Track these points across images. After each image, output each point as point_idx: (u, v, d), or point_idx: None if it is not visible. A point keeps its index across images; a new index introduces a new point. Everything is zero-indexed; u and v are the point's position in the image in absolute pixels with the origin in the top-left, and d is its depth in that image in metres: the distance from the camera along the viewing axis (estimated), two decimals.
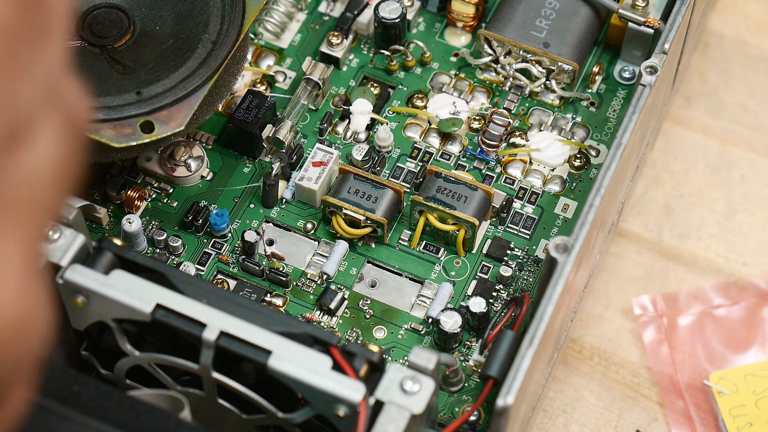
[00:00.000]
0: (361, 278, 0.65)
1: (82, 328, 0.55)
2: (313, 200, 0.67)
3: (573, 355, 0.69)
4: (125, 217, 0.64)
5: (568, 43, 0.69)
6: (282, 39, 0.73)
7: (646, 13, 0.69)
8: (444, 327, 0.61)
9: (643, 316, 0.70)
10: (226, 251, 0.66)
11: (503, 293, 0.65)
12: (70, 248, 0.53)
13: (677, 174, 0.75)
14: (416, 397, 0.50)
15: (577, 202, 0.67)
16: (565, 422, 0.67)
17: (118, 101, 0.60)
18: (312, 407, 0.52)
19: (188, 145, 0.67)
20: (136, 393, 0.54)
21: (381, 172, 0.68)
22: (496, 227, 0.67)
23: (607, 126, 0.70)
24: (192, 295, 0.53)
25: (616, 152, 0.59)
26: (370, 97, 0.70)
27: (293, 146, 0.68)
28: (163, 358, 0.54)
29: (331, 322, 0.64)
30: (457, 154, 0.69)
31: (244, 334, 0.51)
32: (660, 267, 0.72)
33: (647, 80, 0.61)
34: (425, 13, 0.74)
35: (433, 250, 0.66)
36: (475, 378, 0.62)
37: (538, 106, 0.71)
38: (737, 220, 0.74)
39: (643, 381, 0.69)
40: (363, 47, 0.72)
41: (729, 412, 0.67)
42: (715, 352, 0.69)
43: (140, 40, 0.63)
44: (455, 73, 0.72)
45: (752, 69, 0.79)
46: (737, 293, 0.71)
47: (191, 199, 0.67)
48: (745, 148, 0.76)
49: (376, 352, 0.52)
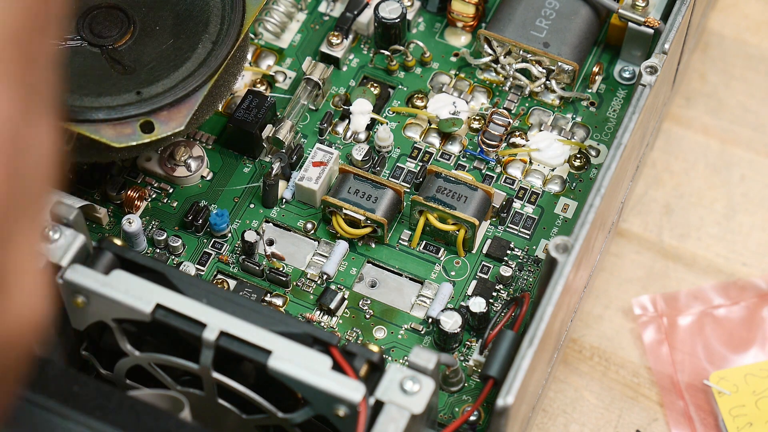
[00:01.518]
0: (361, 278, 0.65)
1: (82, 328, 0.55)
2: (313, 200, 0.67)
3: (573, 355, 0.69)
4: (125, 217, 0.64)
5: (568, 43, 0.69)
6: (282, 39, 0.73)
7: (646, 13, 0.68)
8: (444, 327, 0.61)
9: (643, 316, 0.70)
10: (226, 251, 0.66)
11: (503, 293, 0.64)
12: (70, 248, 0.53)
13: (677, 174, 0.75)
14: (416, 397, 0.50)
15: (577, 202, 0.67)
16: (565, 422, 0.67)
17: (118, 101, 0.60)
18: (312, 407, 0.52)
19: (188, 145, 0.67)
20: (136, 393, 0.54)
21: (381, 172, 0.68)
22: (496, 227, 0.67)
23: (607, 126, 0.70)
24: (192, 295, 0.53)
25: (616, 152, 0.59)
26: (370, 97, 0.70)
27: (293, 146, 0.68)
28: (163, 358, 0.54)
29: (331, 322, 0.64)
30: (457, 154, 0.69)
31: (244, 334, 0.51)
32: (660, 267, 0.72)
33: (647, 80, 0.61)
34: (425, 13, 0.74)
35: (433, 250, 0.66)
36: (475, 378, 0.62)
37: (538, 106, 0.71)
38: (737, 220, 0.74)
39: (643, 381, 0.69)
40: (363, 47, 0.72)
41: (729, 412, 0.66)
42: (715, 352, 0.69)
43: (140, 40, 0.63)
44: (455, 73, 0.72)
45: (752, 69, 0.79)
46: (737, 293, 0.71)
47: (191, 199, 0.67)
48: (745, 148, 0.76)
49: (376, 352, 0.52)
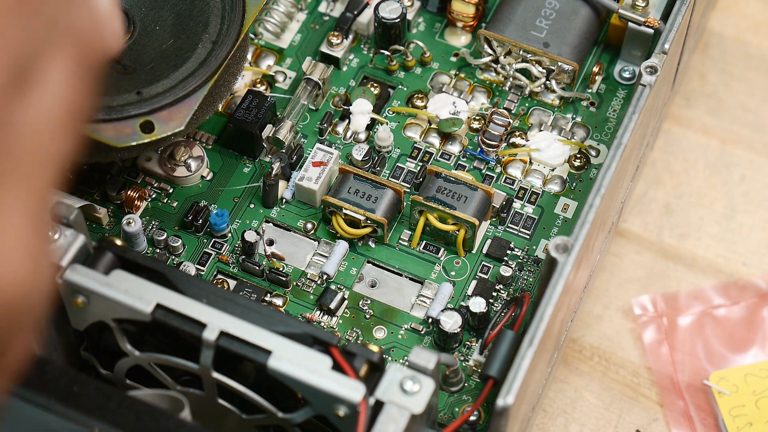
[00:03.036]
0: (361, 278, 0.65)
1: (82, 328, 0.55)
2: (313, 200, 0.67)
3: (573, 355, 0.69)
4: (125, 217, 0.64)
5: (568, 43, 0.69)
6: (282, 39, 0.73)
7: (646, 13, 0.69)
8: (444, 327, 0.61)
9: (643, 316, 0.70)
10: (226, 251, 0.66)
11: (503, 293, 0.64)
12: (70, 248, 0.53)
13: (677, 174, 0.75)
14: (416, 397, 0.50)
15: (577, 202, 0.67)
16: (565, 422, 0.67)
17: (118, 101, 0.60)
18: (312, 407, 0.52)
19: (188, 145, 0.67)
20: (136, 393, 0.54)
21: (381, 172, 0.68)
22: (496, 227, 0.67)
23: (607, 126, 0.70)
24: (192, 295, 0.53)
25: (616, 152, 0.59)
26: (370, 97, 0.70)
27: (293, 146, 0.68)
28: (163, 358, 0.54)
29: (331, 322, 0.64)
30: (457, 154, 0.69)
31: (244, 334, 0.51)
32: (660, 267, 0.72)
33: (647, 80, 0.61)
34: (425, 13, 0.74)
35: (433, 250, 0.66)
36: (475, 378, 0.62)
37: (538, 106, 0.71)
38: (737, 220, 0.74)
39: (643, 381, 0.69)
40: (363, 47, 0.72)
41: (729, 412, 0.66)
42: (715, 352, 0.69)
43: (140, 40, 0.63)
44: (455, 73, 0.72)
45: (752, 69, 0.79)
46: (737, 293, 0.71)
47: (191, 199, 0.67)
48: (745, 148, 0.76)
49: (376, 352, 0.52)
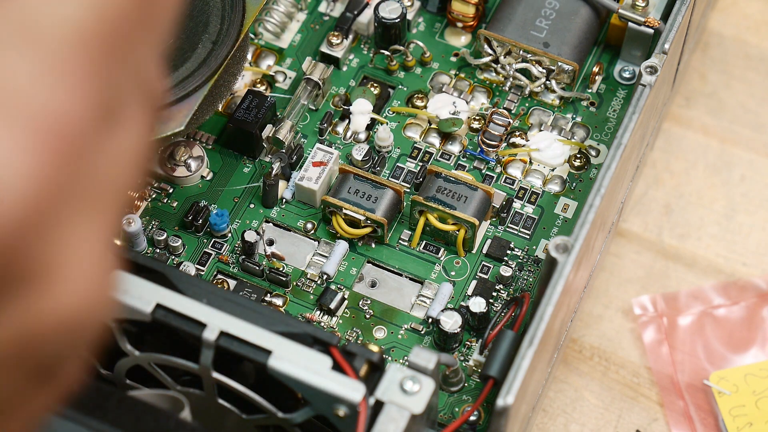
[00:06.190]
0: (361, 278, 0.65)
1: None
2: (313, 200, 0.67)
3: (573, 355, 0.69)
4: (125, 217, 0.64)
5: (568, 43, 0.69)
6: (282, 39, 0.73)
7: (646, 13, 0.68)
8: (444, 327, 0.61)
9: (643, 316, 0.70)
10: (226, 251, 0.66)
11: (503, 293, 0.64)
12: None
13: (677, 174, 0.75)
14: (416, 397, 0.50)
15: (577, 202, 0.67)
16: (565, 422, 0.67)
17: None
18: (312, 407, 0.52)
19: (188, 145, 0.67)
20: (136, 393, 0.54)
21: (381, 172, 0.68)
22: (496, 227, 0.67)
23: (607, 126, 0.70)
24: (192, 295, 0.52)
25: (616, 152, 0.59)
26: (370, 97, 0.70)
27: (293, 146, 0.68)
28: (163, 358, 0.54)
29: (331, 322, 0.64)
30: (457, 154, 0.69)
31: (244, 334, 0.51)
32: (660, 267, 0.72)
33: (647, 80, 0.61)
34: (425, 13, 0.74)
35: (433, 250, 0.66)
36: (475, 378, 0.62)
37: (538, 106, 0.71)
38: (737, 220, 0.74)
39: (643, 381, 0.69)
40: (363, 47, 0.72)
41: (729, 412, 0.66)
42: (715, 352, 0.69)
43: None
44: (455, 73, 0.72)
45: (752, 69, 0.79)
46: (737, 293, 0.71)
47: (191, 199, 0.67)
48: (745, 148, 0.76)
49: (376, 352, 0.51)
